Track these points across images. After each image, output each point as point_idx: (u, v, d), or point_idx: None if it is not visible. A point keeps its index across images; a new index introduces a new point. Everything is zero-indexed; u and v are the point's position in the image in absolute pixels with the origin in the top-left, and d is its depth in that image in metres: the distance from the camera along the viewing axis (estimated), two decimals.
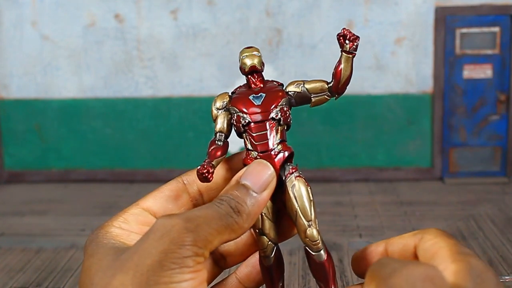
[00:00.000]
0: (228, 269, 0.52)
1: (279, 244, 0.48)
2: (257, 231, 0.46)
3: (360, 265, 0.45)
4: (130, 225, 0.44)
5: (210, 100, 0.52)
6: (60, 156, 6.12)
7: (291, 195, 0.45)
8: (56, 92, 6.01)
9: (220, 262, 0.48)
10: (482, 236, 4.31)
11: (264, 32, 5.79)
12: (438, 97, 5.76)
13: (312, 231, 0.45)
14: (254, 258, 0.48)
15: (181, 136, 5.96)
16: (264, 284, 0.48)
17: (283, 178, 0.46)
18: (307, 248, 0.46)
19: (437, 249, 0.40)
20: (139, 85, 5.95)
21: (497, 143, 5.88)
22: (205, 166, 0.44)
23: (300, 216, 0.45)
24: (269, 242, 0.47)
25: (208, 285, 0.39)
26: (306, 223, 0.45)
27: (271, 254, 0.47)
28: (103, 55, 5.91)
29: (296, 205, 0.45)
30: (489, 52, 5.75)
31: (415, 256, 0.43)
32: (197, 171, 0.44)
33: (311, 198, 0.45)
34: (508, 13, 5.67)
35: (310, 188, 0.46)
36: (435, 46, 5.71)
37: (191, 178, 0.47)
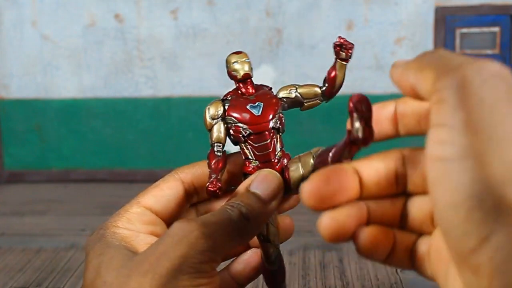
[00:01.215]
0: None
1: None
2: (261, 238, 0.46)
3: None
4: (135, 225, 0.44)
5: (210, 100, 0.51)
6: (60, 156, 6.11)
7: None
8: (56, 92, 6.00)
9: None
10: None
11: (264, 32, 5.79)
12: None
13: None
14: (247, 255, 0.49)
15: (181, 136, 5.95)
16: (266, 285, 0.49)
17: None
18: None
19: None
20: (139, 85, 5.94)
21: None
22: (214, 183, 0.45)
23: None
24: (275, 248, 0.46)
25: None
26: None
27: (276, 259, 0.47)
28: (103, 55, 5.91)
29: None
30: (489, 52, 5.74)
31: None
32: (207, 189, 0.44)
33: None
34: (508, 13, 5.66)
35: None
36: (435, 46, 5.70)
37: (188, 176, 0.47)
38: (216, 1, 5.94)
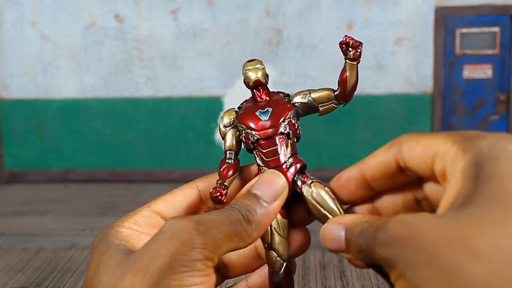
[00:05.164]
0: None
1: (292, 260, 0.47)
2: (266, 245, 0.46)
3: (343, 194, 0.44)
4: (140, 227, 0.43)
5: (210, 100, 0.51)
6: (60, 156, 6.12)
7: (314, 202, 0.44)
8: (56, 92, 6.01)
9: (222, 270, 0.48)
10: None
11: (264, 32, 5.79)
12: (438, 97, 5.76)
13: None
14: (267, 269, 0.48)
15: (181, 136, 5.96)
16: None
17: (298, 190, 0.45)
18: None
19: (435, 150, 0.37)
20: (139, 85, 5.95)
21: None
22: (217, 189, 0.44)
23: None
24: (278, 258, 0.46)
25: None
26: None
27: (280, 271, 0.45)
28: (103, 55, 5.91)
29: (323, 210, 0.44)
30: (489, 52, 5.75)
31: (400, 170, 0.40)
32: (210, 194, 0.44)
33: (333, 197, 0.44)
34: (508, 13, 5.66)
35: (328, 187, 0.45)
36: (435, 46, 5.71)
37: (205, 185, 0.47)
38: (216, 1, 5.94)
